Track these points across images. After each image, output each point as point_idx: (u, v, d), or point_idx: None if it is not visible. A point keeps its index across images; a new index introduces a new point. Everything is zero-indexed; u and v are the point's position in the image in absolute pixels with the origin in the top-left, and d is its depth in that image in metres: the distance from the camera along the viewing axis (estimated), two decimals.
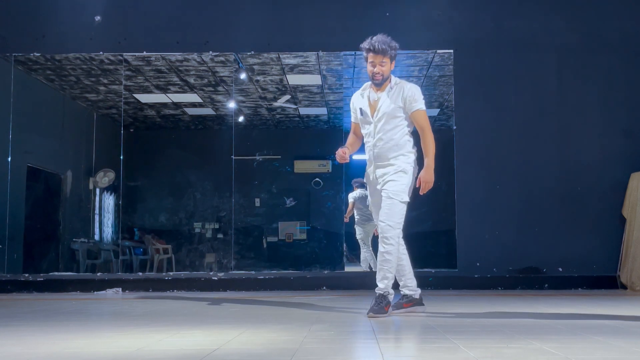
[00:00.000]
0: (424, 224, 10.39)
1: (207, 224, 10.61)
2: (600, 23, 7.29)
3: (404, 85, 4.32)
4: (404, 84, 4.33)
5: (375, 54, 4.22)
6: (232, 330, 3.55)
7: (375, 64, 4.25)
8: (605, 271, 6.95)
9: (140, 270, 9.72)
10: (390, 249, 4.20)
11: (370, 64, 4.27)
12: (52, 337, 3.35)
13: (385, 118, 4.27)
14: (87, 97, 9.72)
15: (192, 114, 10.59)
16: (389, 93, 4.30)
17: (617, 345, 2.90)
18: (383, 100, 4.29)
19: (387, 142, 4.27)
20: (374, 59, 4.24)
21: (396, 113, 4.27)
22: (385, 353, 2.77)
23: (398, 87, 4.31)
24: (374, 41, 4.24)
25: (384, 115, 4.27)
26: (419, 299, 4.49)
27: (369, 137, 4.34)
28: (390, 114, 4.27)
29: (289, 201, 10.68)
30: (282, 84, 9.03)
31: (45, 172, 9.46)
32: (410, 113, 4.29)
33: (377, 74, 4.26)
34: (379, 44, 4.22)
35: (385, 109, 4.27)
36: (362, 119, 4.39)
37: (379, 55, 4.22)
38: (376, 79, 4.28)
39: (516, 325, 3.68)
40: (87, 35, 7.40)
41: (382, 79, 4.27)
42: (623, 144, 7.14)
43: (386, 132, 4.27)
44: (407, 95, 4.27)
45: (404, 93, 4.27)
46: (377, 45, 4.21)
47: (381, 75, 4.26)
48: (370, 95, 4.36)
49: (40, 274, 7.25)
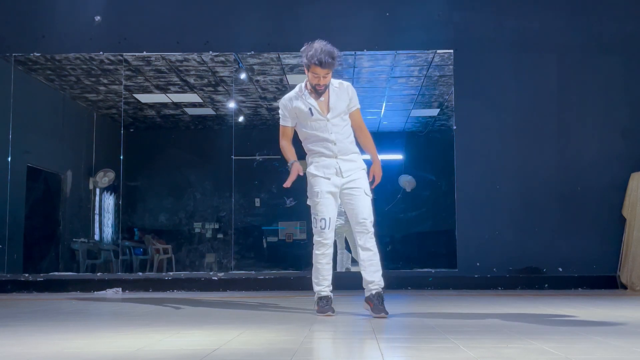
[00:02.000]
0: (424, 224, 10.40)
1: (207, 224, 10.61)
2: (600, 23, 7.29)
3: (346, 85, 4.41)
4: (344, 83, 4.43)
5: (322, 68, 4.19)
6: (232, 330, 3.55)
7: (319, 77, 4.23)
8: (605, 271, 6.95)
9: (140, 270, 9.72)
10: (374, 242, 4.30)
11: (313, 76, 4.23)
12: (52, 337, 3.35)
13: (340, 115, 4.35)
14: (87, 97, 9.72)
15: (192, 114, 10.59)
16: (337, 92, 4.36)
17: (617, 345, 2.90)
18: (334, 98, 4.34)
19: (346, 137, 4.37)
20: (318, 73, 4.21)
21: (346, 110, 4.39)
22: (385, 353, 2.77)
23: (342, 86, 4.39)
24: (320, 54, 4.15)
25: (339, 112, 4.34)
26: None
27: (324, 133, 4.33)
28: (343, 111, 4.36)
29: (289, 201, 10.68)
30: (282, 84, 9.03)
31: (45, 172, 9.46)
32: (352, 111, 4.40)
33: (320, 86, 4.28)
34: (325, 57, 4.15)
35: (340, 107, 4.35)
36: (311, 118, 4.35)
37: (325, 69, 4.20)
38: (319, 89, 4.30)
39: (516, 325, 3.68)
40: (87, 35, 7.40)
41: (324, 88, 4.31)
42: (623, 144, 7.14)
43: (342, 127, 4.36)
44: (352, 94, 4.39)
45: (349, 92, 4.38)
46: (325, 59, 4.15)
47: (324, 86, 4.30)
48: (312, 96, 4.36)
49: (40, 274, 7.25)
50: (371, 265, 4.25)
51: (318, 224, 4.33)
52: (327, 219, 4.31)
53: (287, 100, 4.44)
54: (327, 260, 4.37)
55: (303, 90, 4.39)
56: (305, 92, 4.38)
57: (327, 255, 4.36)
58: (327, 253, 4.35)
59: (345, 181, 4.32)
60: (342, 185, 4.33)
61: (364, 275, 4.29)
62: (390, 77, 8.65)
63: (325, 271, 4.37)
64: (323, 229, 4.31)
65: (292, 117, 4.42)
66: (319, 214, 4.33)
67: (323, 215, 4.32)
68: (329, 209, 4.33)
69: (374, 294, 4.22)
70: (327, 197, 4.33)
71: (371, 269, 4.25)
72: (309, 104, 4.35)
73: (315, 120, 4.35)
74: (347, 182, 4.32)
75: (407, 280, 7.02)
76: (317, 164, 4.38)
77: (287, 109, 4.42)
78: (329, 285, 4.37)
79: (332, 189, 4.33)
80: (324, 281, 4.37)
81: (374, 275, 4.23)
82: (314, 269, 4.40)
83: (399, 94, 9.55)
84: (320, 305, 4.34)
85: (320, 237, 4.33)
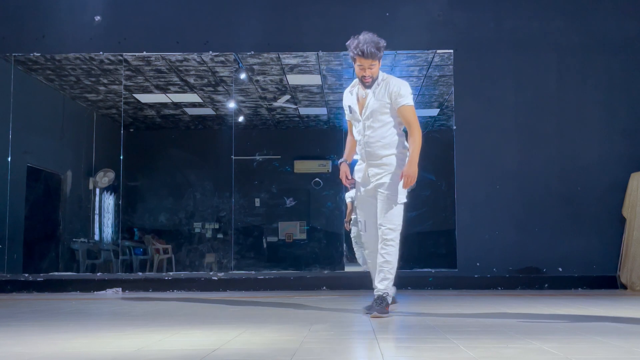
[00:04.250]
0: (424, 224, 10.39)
1: (207, 224, 10.61)
2: (600, 23, 7.29)
3: (390, 81, 4.22)
4: (390, 79, 4.23)
5: (365, 58, 4.07)
6: (232, 330, 3.55)
7: (364, 68, 4.12)
8: (605, 271, 6.95)
9: (140, 270, 9.72)
10: (391, 250, 4.21)
11: (359, 68, 4.13)
12: (52, 337, 3.35)
13: (373, 115, 4.20)
14: (87, 97, 9.72)
15: (192, 114, 10.59)
16: (376, 90, 4.21)
17: (617, 345, 2.90)
18: (370, 97, 4.21)
19: (378, 139, 4.21)
20: (363, 63, 4.10)
21: (383, 110, 4.20)
22: (385, 353, 2.77)
23: (384, 83, 4.21)
24: (363, 44, 4.05)
25: (372, 112, 4.20)
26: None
27: (359, 135, 4.29)
28: (378, 111, 4.19)
29: (289, 201, 10.68)
30: (282, 84, 9.03)
31: (45, 172, 9.46)
32: (397, 109, 4.20)
33: (366, 77, 4.16)
34: (367, 47, 4.03)
35: (373, 106, 4.19)
36: (351, 117, 4.34)
37: (369, 59, 4.08)
38: (366, 82, 4.18)
39: (516, 325, 3.68)
40: (87, 35, 7.40)
41: (372, 80, 4.18)
42: (623, 144, 7.14)
43: (375, 129, 4.21)
44: (393, 91, 4.17)
45: (389, 89, 4.18)
46: (367, 49, 4.03)
47: (371, 77, 4.17)
48: (358, 92, 4.28)
49: (40, 274, 7.25)
50: (380, 272, 4.24)
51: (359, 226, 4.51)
52: (363, 222, 4.41)
53: (344, 94, 4.42)
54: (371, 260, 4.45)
55: (355, 85, 4.31)
56: (356, 87, 4.30)
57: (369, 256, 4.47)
58: (367, 254, 4.49)
59: (372, 186, 4.29)
60: (371, 189, 4.30)
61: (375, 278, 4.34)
62: None
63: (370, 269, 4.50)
64: (361, 231, 4.48)
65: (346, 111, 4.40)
66: (358, 217, 4.49)
67: (360, 218, 4.45)
68: (365, 212, 4.37)
69: (375, 298, 4.26)
70: (363, 201, 4.37)
71: (380, 275, 4.25)
72: (350, 101, 4.30)
73: (354, 119, 4.32)
74: (375, 187, 4.27)
75: (407, 280, 7.00)
76: (357, 167, 4.43)
77: (343, 103, 4.41)
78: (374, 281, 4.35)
79: (365, 193, 4.34)
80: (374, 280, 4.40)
81: (380, 283, 4.24)
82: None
83: None
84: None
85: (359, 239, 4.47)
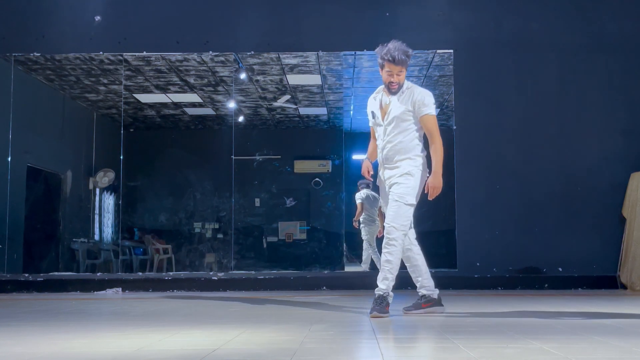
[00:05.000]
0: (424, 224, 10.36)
1: (207, 224, 10.61)
2: (600, 23, 7.29)
3: (414, 90, 4.31)
4: (414, 88, 4.32)
5: (395, 65, 4.18)
6: (232, 330, 3.55)
7: (392, 74, 4.23)
8: (605, 271, 6.95)
9: (140, 270, 9.72)
10: (393, 250, 4.23)
11: (387, 74, 4.24)
12: (52, 337, 3.35)
13: (395, 121, 4.28)
14: (87, 97, 9.72)
15: (192, 114, 10.59)
16: (400, 97, 4.29)
17: (617, 345, 2.90)
18: (394, 103, 4.30)
19: (396, 144, 4.28)
20: (392, 69, 4.21)
21: (405, 117, 4.27)
22: (385, 353, 2.77)
23: (409, 91, 4.30)
24: (394, 51, 4.17)
25: (394, 118, 4.28)
26: (437, 299, 4.47)
27: (379, 140, 4.38)
28: (400, 118, 4.27)
29: (289, 201, 10.68)
30: (282, 84, 9.03)
31: (45, 172, 9.46)
32: (420, 117, 4.28)
33: (394, 84, 4.25)
34: (399, 54, 4.16)
35: (395, 113, 4.27)
36: (374, 122, 4.42)
37: (398, 66, 4.19)
38: (393, 88, 4.27)
39: (516, 325, 3.68)
40: (87, 35, 7.40)
41: (398, 87, 4.27)
42: (623, 144, 7.14)
43: (395, 135, 4.29)
44: (417, 100, 4.25)
45: (413, 97, 4.26)
46: (398, 56, 4.15)
47: (397, 84, 4.26)
48: (382, 99, 4.38)
49: (40, 274, 7.25)
50: (381, 271, 4.28)
51: None
52: None
53: (368, 100, 4.49)
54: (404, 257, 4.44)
55: (380, 91, 4.41)
56: (379, 95, 4.40)
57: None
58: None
59: (387, 188, 4.36)
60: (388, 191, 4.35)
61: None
62: None
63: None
64: None
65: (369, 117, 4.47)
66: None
67: None
68: None
69: (375, 297, 4.27)
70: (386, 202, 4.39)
71: (380, 274, 4.28)
72: (374, 107, 4.38)
73: (376, 124, 4.39)
74: (389, 188, 4.34)
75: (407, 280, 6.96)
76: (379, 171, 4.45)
77: (367, 109, 4.48)
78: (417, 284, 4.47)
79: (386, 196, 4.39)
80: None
81: (381, 282, 4.27)
82: None
83: None
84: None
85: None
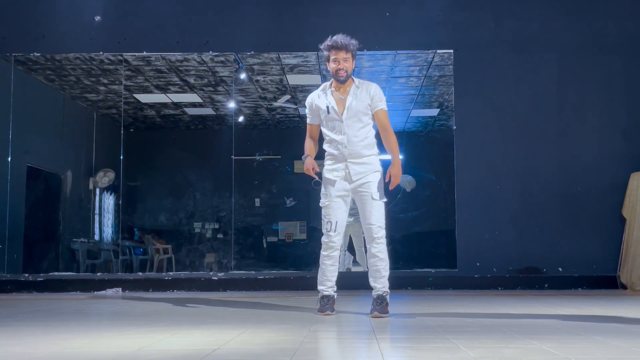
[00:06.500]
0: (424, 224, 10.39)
1: (207, 224, 10.61)
2: (600, 23, 7.29)
3: (369, 85, 4.40)
4: (369, 83, 4.41)
5: (338, 49, 4.27)
6: (232, 330, 3.55)
7: (338, 61, 4.29)
8: (605, 271, 6.95)
9: (140, 270, 9.72)
10: (382, 248, 4.30)
11: (334, 62, 4.31)
12: (52, 337, 3.35)
13: (357, 115, 4.32)
14: (87, 97, 9.72)
15: (192, 114, 10.59)
16: (357, 92, 4.35)
17: (617, 345, 2.90)
18: (352, 98, 4.33)
19: (361, 139, 4.32)
20: (336, 56, 4.28)
21: (367, 111, 4.34)
22: (385, 353, 2.77)
23: (365, 86, 4.37)
24: (335, 38, 4.30)
25: (356, 112, 4.31)
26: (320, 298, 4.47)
27: (337, 135, 4.35)
28: (361, 112, 4.32)
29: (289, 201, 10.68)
30: (282, 84, 9.03)
31: (45, 172, 9.46)
32: (375, 112, 4.36)
33: (340, 70, 4.30)
34: (341, 39, 4.28)
35: (357, 107, 4.31)
36: (328, 117, 4.38)
37: (342, 51, 4.27)
38: (340, 75, 4.31)
39: (516, 325, 3.68)
40: (87, 35, 7.40)
41: (346, 75, 4.32)
42: (623, 144, 7.15)
43: (359, 129, 4.32)
44: (375, 94, 4.35)
45: (371, 92, 4.35)
46: (340, 41, 4.28)
47: (345, 71, 4.31)
48: (333, 95, 4.39)
49: (40, 274, 7.25)
50: (376, 272, 4.30)
51: (325, 225, 4.40)
52: (333, 222, 4.37)
53: (310, 98, 4.49)
54: (332, 262, 4.42)
55: (327, 88, 4.43)
56: (328, 90, 4.42)
57: (332, 257, 4.41)
58: (332, 255, 4.41)
59: (355, 185, 4.33)
60: (352, 188, 4.34)
61: (369, 279, 4.36)
62: (390, 77, 8.65)
63: (329, 272, 4.42)
64: (329, 231, 4.38)
65: (314, 115, 4.47)
66: (327, 216, 4.40)
67: (330, 218, 4.38)
68: (337, 212, 4.37)
69: (375, 297, 4.30)
70: (336, 201, 4.36)
71: (376, 275, 4.31)
72: (328, 102, 4.38)
73: (331, 119, 4.37)
74: (358, 186, 4.33)
75: (407, 280, 7.02)
76: (329, 166, 4.42)
77: (310, 107, 4.48)
78: (333, 285, 4.44)
79: (341, 192, 4.36)
80: (327, 282, 4.43)
81: (377, 282, 4.31)
82: (320, 269, 4.46)
83: (399, 94, 9.54)
84: (322, 304, 4.40)
85: (327, 239, 4.39)
